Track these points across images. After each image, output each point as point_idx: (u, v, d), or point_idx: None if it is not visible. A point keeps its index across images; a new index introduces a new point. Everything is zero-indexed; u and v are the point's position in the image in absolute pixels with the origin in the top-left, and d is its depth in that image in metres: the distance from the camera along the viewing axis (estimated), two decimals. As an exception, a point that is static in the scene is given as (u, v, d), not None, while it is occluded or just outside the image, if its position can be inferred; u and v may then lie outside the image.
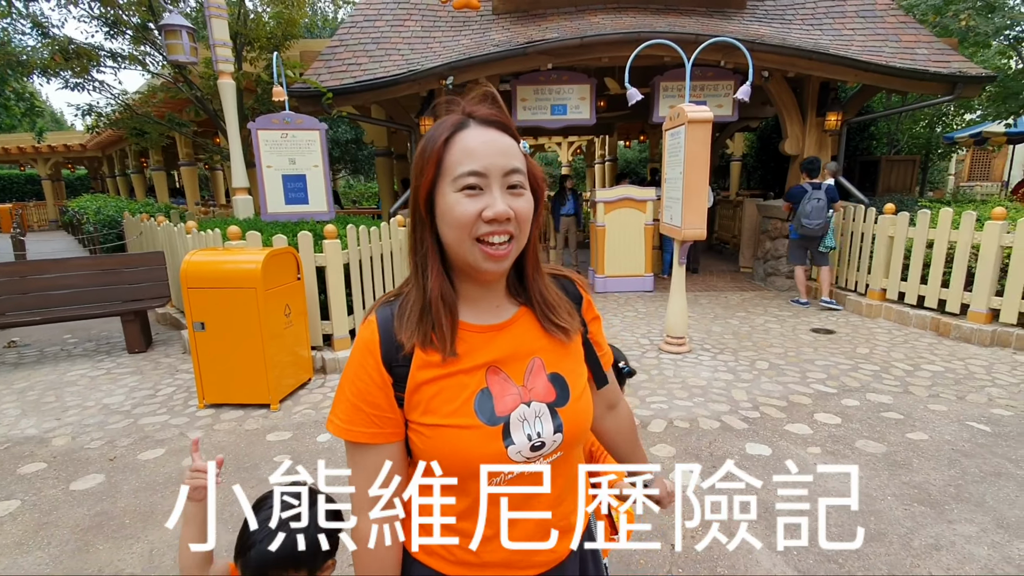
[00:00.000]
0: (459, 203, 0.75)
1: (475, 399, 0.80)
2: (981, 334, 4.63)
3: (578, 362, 0.91)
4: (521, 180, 0.78)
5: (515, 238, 0.78)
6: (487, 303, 0.86)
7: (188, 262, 3.48)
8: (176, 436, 3.28)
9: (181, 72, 6.71)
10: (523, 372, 0.84)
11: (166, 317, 6.10)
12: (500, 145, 0.77)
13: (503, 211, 0.75)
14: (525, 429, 0.81)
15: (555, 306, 0.87)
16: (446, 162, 0.77)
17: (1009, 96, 7.89)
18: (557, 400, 0.84)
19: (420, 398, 0.81)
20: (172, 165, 16.07)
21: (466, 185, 0.75)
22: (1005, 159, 19.36)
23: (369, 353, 0.82)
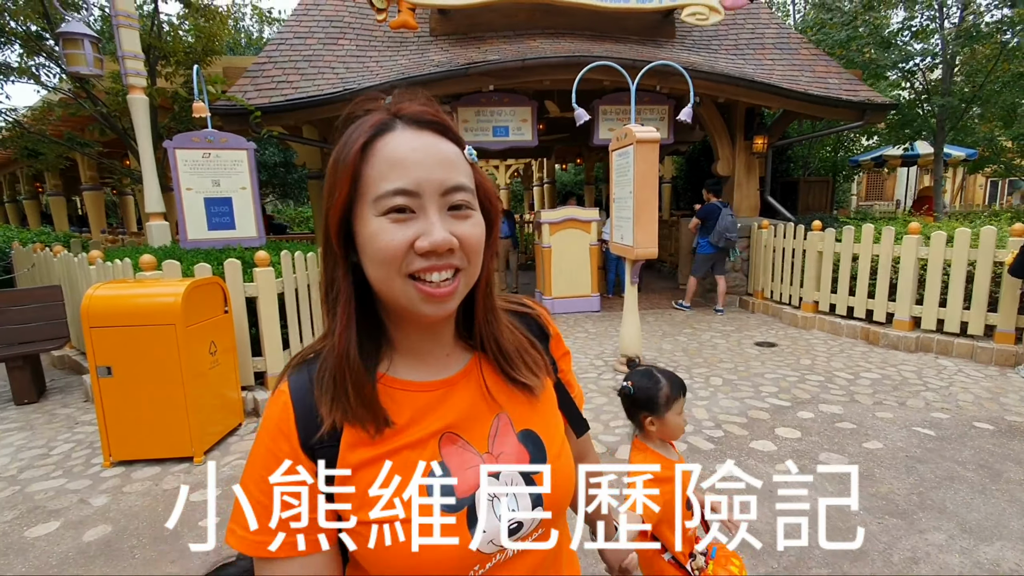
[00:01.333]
0: (383, 231, 0.57)
1: (426, 479, 0.62)
2: (906, 341, 4.92)
3: (552, 413, 0.74)
4: (467, 199, 0.61)
5: (462, 271, 0.61)
6: (432, 354, 0.68)
7: (91, 297, 3.02)
8: (75, 504, 2.78)
9: (83, 86, 6.07)
10: (486, 436, 0.67)
11: (64, 360, 5.36)
12: (437, 153, 0.59)
13: (442, 240, 0.57)
14: (497, 510, 0.63)
15: (513, 356, 0.70)
16: (365, 177, 0.58)
17: (906, 123, 8.74)
18: (532, 461, 0.67)
19: (355, 486, 0.61)
20: (73, 190, 14.65)
21: (392, 207, 0.57)
22: (895, 181, 21.57)
23: (282, 436, 0.62)
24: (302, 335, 4.30)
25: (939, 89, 8.19)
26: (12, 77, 6.43)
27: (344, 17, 7.55)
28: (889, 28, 8.41)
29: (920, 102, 8.90)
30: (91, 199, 10.77)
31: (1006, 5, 7.23)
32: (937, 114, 8.34)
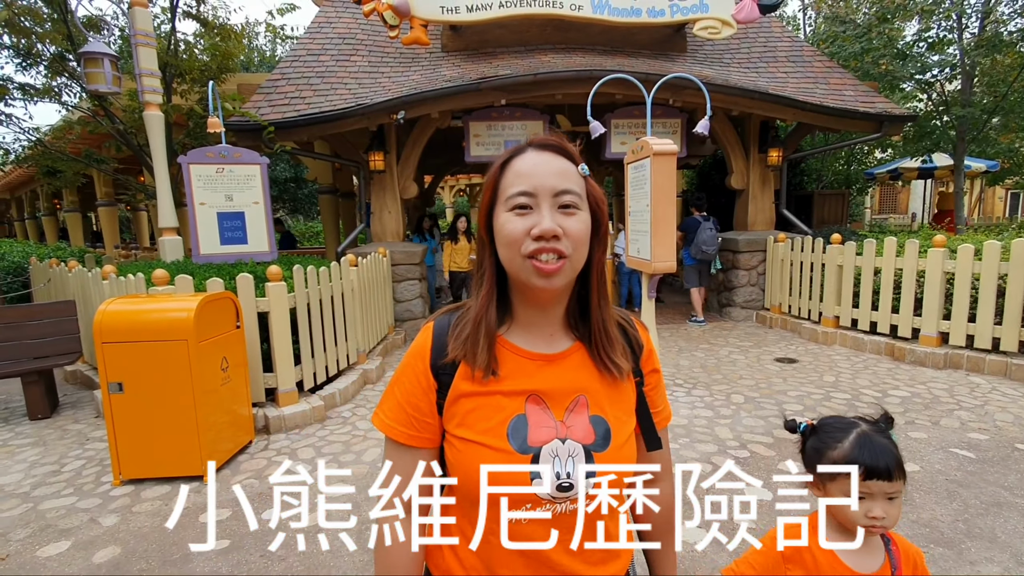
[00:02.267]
0: (509, 221, 0.76)
1: (509, 423, 0.79)
2: (935, 357, 4.76)
3: (627, 411, 0.86)
4: (574, 200, 0.77)
5: (567, 257, 0.75)
6: (541, 330, 0.84)
7: (104, 312, 2.98)
8: (85, 523, 2.71)
9: (101, 104, 6.14)
10: (565, 408, 0.81)
11: (76, 375, 5.34)
12: (552, 166, 0.77)
13: (549, 228, 0.73)
14: (555, 466, 0.77)
15: (614, 340, 0.84)
16: (501, 185, 0.79)
17: (923, 135, 8.62)
18: (595, 444, 0.80)
19: (457, 410, 0.81)
20: (89, 206, 14.86)
21: (516, 205, 0.76)
22: (909, 194, 21.33)
23: (420, 357, 0.84)
24: (314, 351, 4.23)
25: (959, 100, 8.07)
26: (36, 98, 6.51)
27: (357, 34, 7.62)
28: (904, 39, 8.33)
29: (938, 113, 8.78)
30: (105, 215, 10.90)
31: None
32: (957, 125, 8.22)
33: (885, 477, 1.00)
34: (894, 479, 1.01)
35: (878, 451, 1.03)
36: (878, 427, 1.08)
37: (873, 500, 1.02)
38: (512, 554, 0.79)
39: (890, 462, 1.01)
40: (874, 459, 1.01)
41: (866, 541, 1.06)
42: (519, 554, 0.79)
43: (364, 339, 5.23)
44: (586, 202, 0.79)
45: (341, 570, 2.28)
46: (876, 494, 1.01)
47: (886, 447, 1.03)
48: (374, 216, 6.72)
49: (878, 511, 1.01)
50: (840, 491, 1.03)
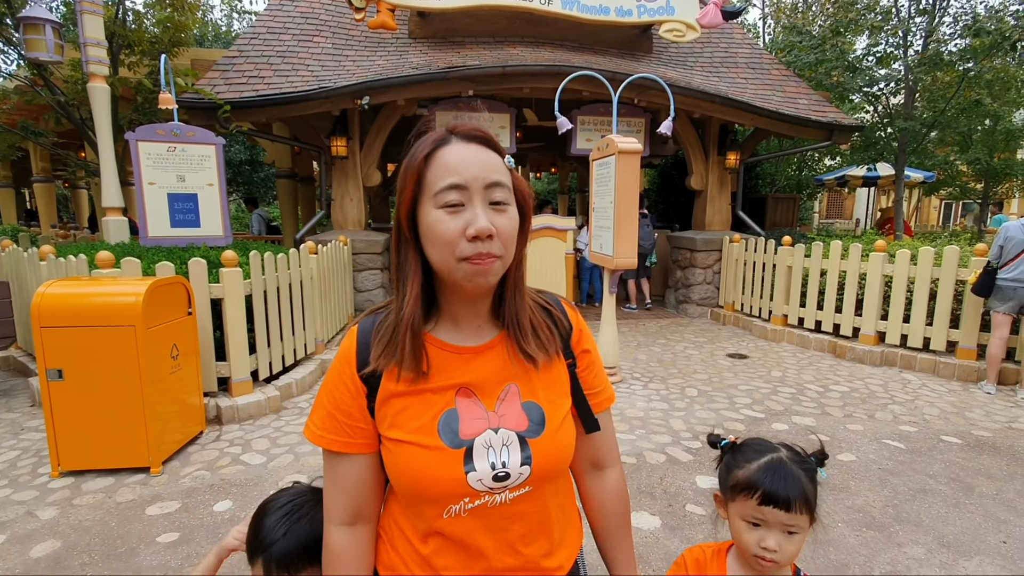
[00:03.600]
0: (440, 221, 0.73)
1: (440, 419, 0.78)
2: (872, 355, 5.06)
3: (561, 393, 0.85)
4: (505, 196, 0.75)
5: (499, 257, 0.74)
6: (469, 323, 0.83)
7: (43, 295, 2.81)
8: (21, 516, 2.56)
9: (40, 73, 5.74)
10: (496, 397, 0.80)
11: (9, 361, 5.01)
12: (482, 158, 0.75)
13: (485, 227, 0.71)
14: (489, 456, 0.77)
15: (527, 332, 0.82)
16: (427, 178, 0.75)
17: (869, 145, 9.10)
18: (529, 430, 0.79)
19: (388, 411, 0.79)
20: (23, 182, 13.87)
21: (447, 202, 0.72)
22: (854, 201, 22.48)
23: (346, 363, 0.81)
24: (270, 340, 4.12)
25: (901, 113, 8.56)
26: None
27: (320, 15, 7.40)
28: (854, 53, 8.75)
29: (883, 125, 9.29)
30: (42, 191, 10.23)
31: (968, 35, 7.61)
32: (899, 137, 8.71)
33: (783, 507, 0.94)
34: (793, 511, 0.94)
35: (784, 479, 0.96)
36: (800, 458, 1.01)
37: (768, 529, 0.96)
38: (452, 548, 0.78)
39: (793, 493, 0.94)
40: (775, 486, 0.95)
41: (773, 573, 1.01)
42: (459, 548, 0.78)
43: (323, 328, 5.12)
44: (513, 196, 0.78)
45: (297, 561, 2.24)
46: (772, 523, 0.96)
47: (796, 478, 0.96)
48: (335, 203, 6.56)
49: (771, 542, 0.95)
50: (738, 513, 1.00)
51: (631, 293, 7.72)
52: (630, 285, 7.69)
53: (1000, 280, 4.07)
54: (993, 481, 2.86)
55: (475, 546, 0.77)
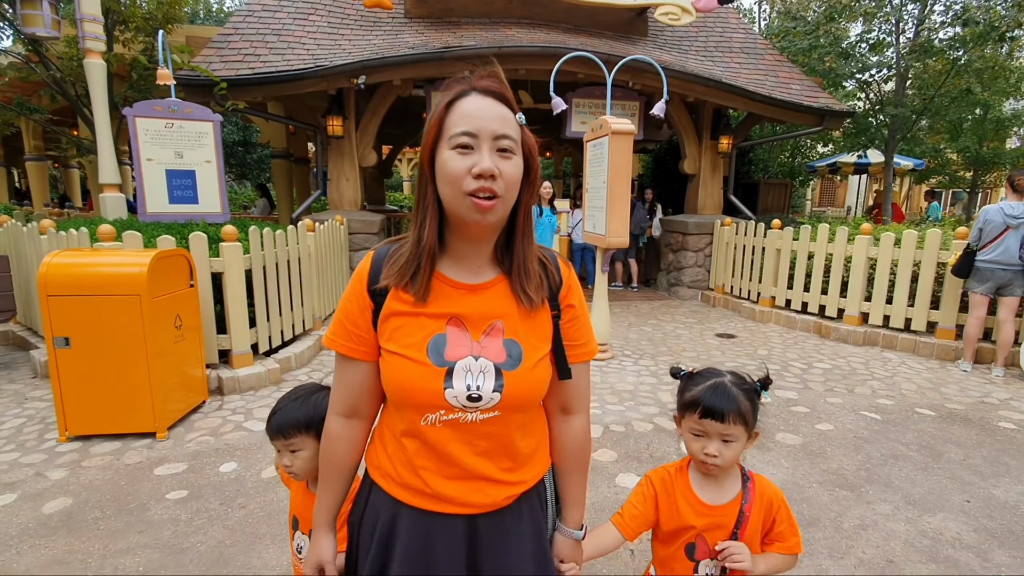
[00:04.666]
0: (451, 159, 0.83)
1: (430, 340, 0.89)
2: (855, 335, 5.22)
3: (542, 338, 0.95)
4: (510, 145, 0.85)
5: (500, 197, 0.83)
6: (470, 262, 0.92)
7: (49, 264, 2.88)
8: (31, 477, 2.66)
9: (36, 49, 5.71)
10: (482, 331, 0.91)
11: (8, 335, 5.06)
12: (494, 111, 0.84)
13: (488, 167, 0.81)
14: (467, 379, 0.88)
15: (530, 275, 0.92)
16: (445, 124, 0.84)
17: (860, 131, 9.20)
18: (506, 363, 0.89)
19: (388, 326, 0.91)
20: (12, 160, 13.73)
21: (459, 144, 0.82)
22: (846, 188, 22.63)
23: (359, 280, 0.94)
24: (269, 314, 4.20)
25: (892, 100, 8.65)
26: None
27: (316, -7, 7.35)
28: (848, 40, 8.81)
29: (874, 112, 9.38)
30: (34, 170, 10.15)
31: (958, 23, 7.69)
32: (889, 124, 8.82)
33: (719, 419, 1.11)
34: (727, 423, 1.11)
35: (721, 397, 1.13)
36: (742, 382, 1.18)
37: (708, 439, 1.14)
38: (428, 451, 0.90)
39: (728, 407, 1.11)
40: (712, 402, 1.12)
41: (721, 479, 1.20)
42: (434, 452, 0.90)
43: (320, 306, 5.21)
44: (520, 148, 0.87)
45: (301, 516, 2.36)
46: (712, 433, 1.14)
47: (732, 397, 1.13)
48: (331, 183, 6.60)
49: (712, 448, 1.14)
50: (687, 428, 1.18)
51: (618, 272, 8.07)
52: (617, 265, 7.98)
53: (979, 262, 4.21)
54: (961, 448, 3.02)
55: (447, 453, 0.90)
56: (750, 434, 1.16)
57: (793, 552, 1.20)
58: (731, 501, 1.19)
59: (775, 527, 1.20)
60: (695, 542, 1.19)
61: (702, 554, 1.19)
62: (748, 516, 1.17)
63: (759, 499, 1.20)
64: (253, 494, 2.51)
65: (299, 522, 1.33)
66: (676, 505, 1.21)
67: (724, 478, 1.21)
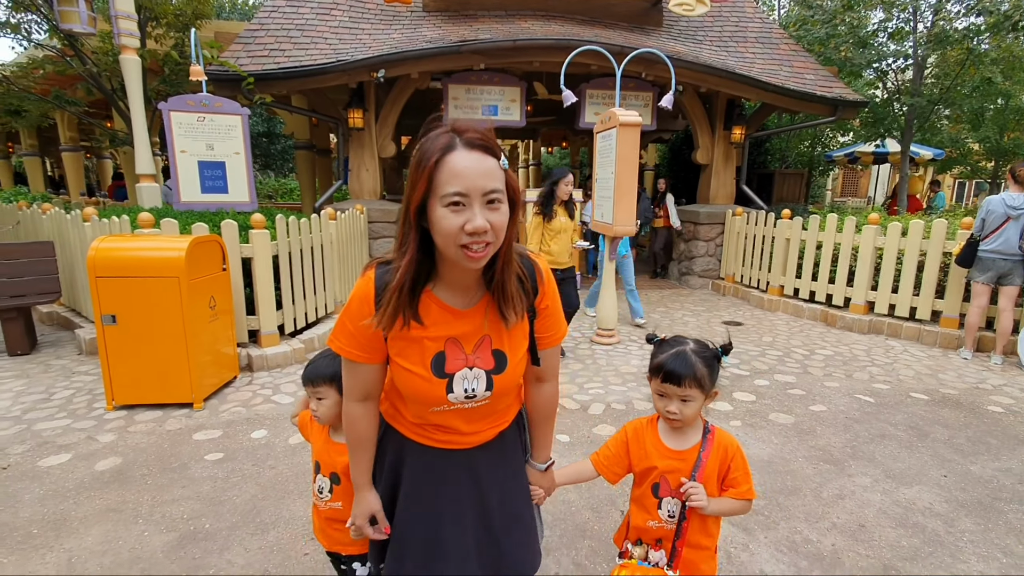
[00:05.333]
0: (446, 217, 0.92)
1: (432, 358, 1.07)
2: (861, 323, 5.31)
3: (520, 342, 1.14)
4: (498, 196, 0.94)
5: (491, 244, 0.96)
6: (460, 287, 1.07)
7: (98, 248, 3.16)
8: (83, 440, 2.96)
9: (72, 44, 6.03)
10: (474, 345, 1.09)
11: (53, 316, 5.44)
12: (482, 168, 0.92)
13: (481, 226, 0.91)
14: (464, 385, 1.09)
15: (510, 299, 1.06)
16: (436, 180, 0.92)
17: (877, 121, 9.13)
18: (495, 369, 1.10)
19: (396, 345, 1.08)
20: (47, 151, 14.29)
21: (451, 203, 0.91)
22: (869, 178, 22.21)
23: (366, 304, 1.05)
24: (294, 297, 4.47)
25: (909, 89, 8.57)
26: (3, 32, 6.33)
27: (337, -13, 7.56)
28: (866, 28, 8.72)
29: (892, 101, 9.29)
30: (70, 160, 10.61)
31: (975, 13, 7.58)
32: (906, 113, 8.74)
33: (675, 383, 1.29)
34: (683, 386, 1.29)
35: (680, 362, 1.30)
36: (703, 350, 1.35)
37: (669, 399, 1.33)
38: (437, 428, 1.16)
39: (685, 372, 1.28)
40: (672, 367, 1.30)
41: (684, 430, 1.40)
42: (442, 428, 1.16)
43: (341, 290, 5.47)
44: (506, 194, 0.96)
45: (325, 477, 2.61)
46: (671, 395, 1.32)
47: (690, 362, 1.29)
48: (352, 174, 6.85)
49: (673, 407, 1.32)
50: (653, 388, 1.37)
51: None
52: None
53: (981, 251, 4.27)
54: (948, 430, 3.14)
55: (450, 426, 1.15)
56: (707, 394, 1.35)
57: (745, 497, 1.38)
58: (691, 448, 1.39)
59: (730, 473, 1.38)
60: (659, 482, 1.39)
61: (665, 492, 1.39)
62: (705, 462, 1.36)
63: (716, 448, 1.38)
64: (282, 457, 2.77)
65: (320, 466, 1.56)
66: (645, 449, 1.42)
67: (687, 429, 1.41)
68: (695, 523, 1.37)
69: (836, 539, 2.15)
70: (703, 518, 1.38)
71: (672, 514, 1.39)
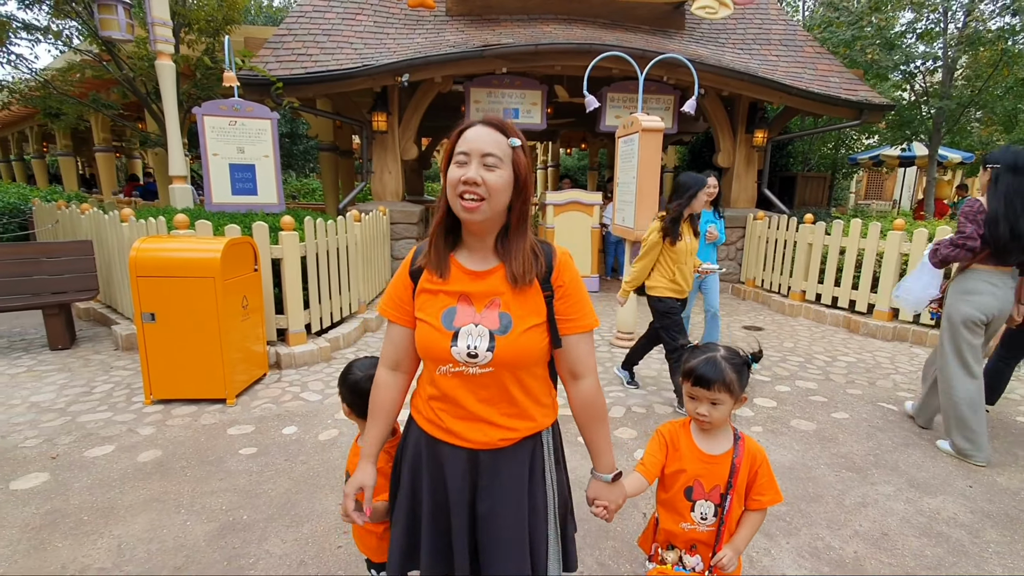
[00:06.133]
0: (451, 171, 1.13)
1: (444, 311, 1.17)
2: (884, 330, 5.25)
3: (531, 311, 1.18)
4: (495, 161, 1.10)
5: (486, 200, 1.09)
6: (478, 253, 1.20)
7: (139, 249, 3.30)
8: (124, 432, 3.10)
9: (109, 49, 6.25)
10: (484, 305, 1.17)
11: (90, 312, 5.64)
12: (488, 137, 1.11)
13: (472, 176, 1.09)
14: (467, 340, 1.14)
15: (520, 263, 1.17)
16: (454, 148, 1.13)
17: (904, 124, 8.98)
18: (498, 330, 1.15)
19: (419, 300, 1.21)
20: (80, 151, 14.74)
21: (457, 161, 1.12)
22: (894, 181, 21.79)
23: (405, 265, 1.27)
24: (320, 297, 4.59)
25: (938, 92, 8.42)
26: (46, 37, 6.58)
27: (363, -7, 7.70)
28: (894, 29, 8.59)
29: (920, 104, 9.13)
30: (103, 160, 10.95)
31: (1008, 13, 7.43)
32: (934, 116, 8.59)
33: (705, 386, 1.36)
34: (713, 390, 1.36)
35: (709, 368, 1.37)
36: (734, 356, 1.41)
37: (699, 402, 1.39)
38: (443, 395, 1.19)
39: (714, 377, 1.36)
40: (702, 372, 1.37)
41: (717, 434, 1.45)
42: (447, 397, 1.19)
43: (365, 290, 5.59)
44: (509, 164, 1.11)
45: (354, 473, 2.70)
46: (702, 398, 1.39)
47: (719, 367, 1.36)
48: (375, 175, 6.97)
49: (703, 410, 1.39)
50: (685, 391, 1.44)
51: None
52: None
53: (1010, 259, 4.20)
54: (974, 439, 3.12)
55: (455, 397, 1.18)
56: (736, 398, 1.41)
57: (771, 504, 1.43)
58: (724, 453, 1.43)
59: (757, 479, 1.43)
60: (692, 485, 1.43)
61: (699, 495, 1.44)
62: (739, 467, 1.41)
63: (746, 454, 1.43)
64: (312, 453, 2.87)
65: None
66: (680, 451, 1.47)
67: (718, 434, 1.46)
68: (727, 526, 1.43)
69: (858, 546, 2.17)
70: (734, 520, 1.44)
71: (705, 516, 1.43)
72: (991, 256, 2.77)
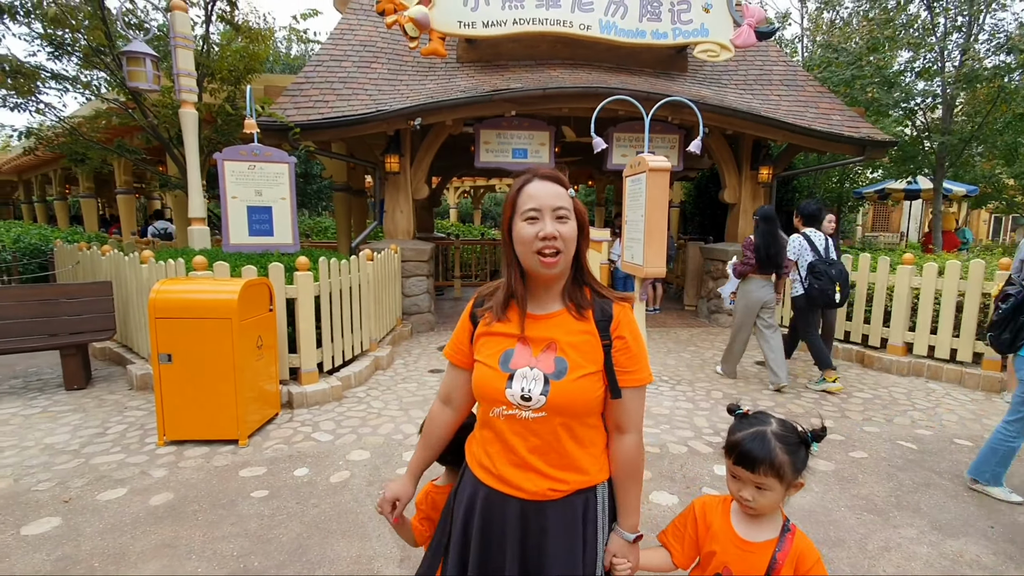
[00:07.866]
0: (524, 228, 1.15)
1: (502, 353, 1.20)
2: (899, 364, 5.19)
3: (588, 359, 1.17)
4: (566, 213, 1.16)
5: (562, 252, 1.14)
6: (542, 299, 1.23)
7: (158, 291, 3.38)
8: (137, 475, 3.10)
9: (135, 98, 6.54)
10: (541, 349, 1.18)
11: (106, 352, 5.72)
12: (552, 191, 1.17)
13: (551, 231, 1.13)
14: (522, 383, 1.16)
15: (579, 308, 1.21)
16: (517, 203, 1.18)
17: (907, 159, 9.09)
18: (553, 374, 1.15)
19: (478, 343, 1.25)
20: (101, 193, 15.19)
21: (528, 217, 1.15)
22: (900, 213, 21.83)
23: (467, 310, 1.32)
24: (333, 336, 4.63)
25: (939, 128, 8.54)
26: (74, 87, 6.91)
27: (377, 42, 8.04)
28: (892, 68, 8.79)
29: (921, 139, 9.26)
30: (124, 202, 11.27)
31: (1003, 52, 7.61)
32: (937, 151, 8.69)
33: (749, 467, 1.17)
34: (757, 473, 1.16)
35: (756, 446, 1.17)
36: (788, 433, 1.20)
37: (743, 484, 1.21)
38: (496, 438, 1.20)
39: (761, 457, 1.16)
40: (747, 450, 1.18)
41: (761, 520, 1.24)
42: (499, 440, 1.19)
43: (376, 328, 5.63)
44: (574, 214, 1.17)
45: (364, 515, 2.68)
46: (744, 480, 1.19)
47: (768, 447, 1.16)
48: (387, 215, 7.12)
49: (746, 494, 1.20)
50: (727, 468, 1.26)
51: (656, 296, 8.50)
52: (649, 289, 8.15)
53: (1023, 294, 4.18)
54: (998, 480, 3.05)
55: (507, 442, 1.19)
56: (789, 484, 1.19)
57: None
58: (765, 542, 1.22)
59: None
60: (721, 573, 1.24)
61: None
62: (780, 564, 1.19)
63: (793, 552, 1.20)
64: (324, 496, 2.86)
65: None
66: (711, 531, 1.28)
67: (763, 519, 1.25)
68: None
69: (883, 593, 2.11)
70: None
71: None
72: (759, 269, 4.71)
